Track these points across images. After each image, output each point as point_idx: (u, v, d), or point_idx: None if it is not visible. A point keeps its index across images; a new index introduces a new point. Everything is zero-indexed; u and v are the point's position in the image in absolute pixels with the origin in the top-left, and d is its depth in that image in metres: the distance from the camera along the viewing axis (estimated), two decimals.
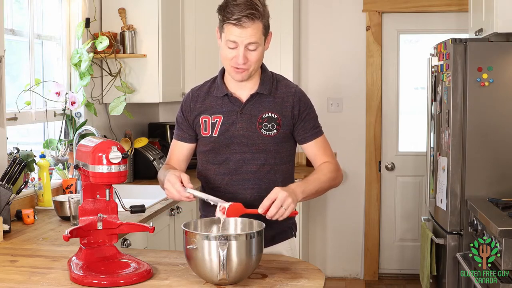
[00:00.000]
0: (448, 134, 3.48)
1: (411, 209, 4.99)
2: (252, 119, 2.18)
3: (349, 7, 4.92)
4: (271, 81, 2.23)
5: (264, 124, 2.18)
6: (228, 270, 1.78)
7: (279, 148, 2.21)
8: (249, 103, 2.20)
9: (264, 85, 2.21)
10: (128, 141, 4.03)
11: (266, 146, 2.19)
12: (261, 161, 2.20)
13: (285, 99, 2.21)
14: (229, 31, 2.09)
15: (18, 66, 3.38)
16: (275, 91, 2.21)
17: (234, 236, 1.81)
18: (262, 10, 2.09)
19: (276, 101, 2.20)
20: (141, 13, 3.91)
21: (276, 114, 2.19)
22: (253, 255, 1.83)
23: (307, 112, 2.23)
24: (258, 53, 2.12)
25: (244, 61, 2.10)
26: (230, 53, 2.12)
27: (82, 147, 2.07)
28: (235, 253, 1.78)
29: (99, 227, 2.04)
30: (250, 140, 2.19)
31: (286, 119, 2.20)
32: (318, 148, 2.25)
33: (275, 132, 2.19)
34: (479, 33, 3.79)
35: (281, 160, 2.23)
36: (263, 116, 2.19)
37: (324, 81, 4.99)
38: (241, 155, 2.20)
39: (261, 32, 2.11)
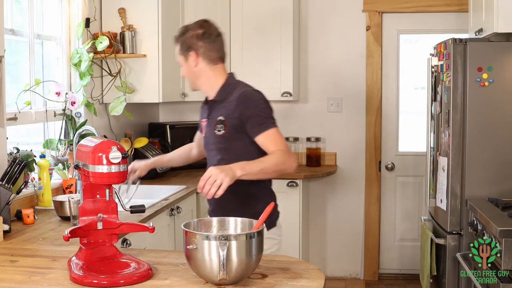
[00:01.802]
0: (448, 134, 3.48)
1: (411, 209, 4.99)
2: (212, 122, 2.59)
3: (349, 7, 4.92)
4: (228, 90, 2.58)
5: (216, 125, 2.55)
6: (228, 270, 1.78)
7: (229, 146, 2.54)
8: (211, 110, 2.62)
9: (219, 94, 2.59)
10: (128, 141, 4.03)
11: (218, 144, 2.56)
12: (219, 156, 2.57)
13: (231, 103, 2.53)
14: None
15: (18, 66, 3.38)
16: (228, 97, 2.56)
17: (234, 236, 1.81)
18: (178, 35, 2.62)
19: (225, 106, 2.55)
20: (141, 13, 3.91)
21: (223, 116, 2.54)
22: (253, 255, 1.83)
23: (251, 111, 2.49)
24: (183, 69, 2.64)
25: (182, 73, 2.67)
26: None
27: (82, 147, 2.07)
28: (235, 253, 1.79)
29: (99, 227, 2.04)
30: (211, 140, 2.60)
31: (231, 120, 2.51)
32: (266, 141, 2.49)
33: (223, 132, 2.54)
34: (479, 33, 3.79)
35: (235, 155, 2.49)
36: (217, 119, 2.56)
37: (324, 81, 4.99)
38: (209, 152, 2.65)
39: (178, 52, 2.62)
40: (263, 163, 2.39)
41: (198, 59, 2.58)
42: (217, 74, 2.61)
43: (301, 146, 4.98)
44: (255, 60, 4.68)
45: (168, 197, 3.41)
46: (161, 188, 3.66)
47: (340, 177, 5.01)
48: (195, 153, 2.97)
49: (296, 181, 4.46)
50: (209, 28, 2.60)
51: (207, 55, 2.58)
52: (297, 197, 4.47)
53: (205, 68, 2.59)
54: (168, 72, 4.04)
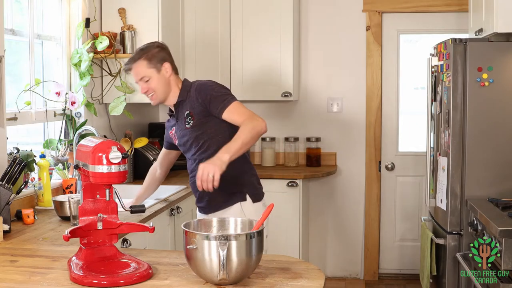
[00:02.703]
0: (448, 134, 3.48)
1: (411, 209, 4.99)
2: (182, 121, 2.83)
3: (349, 7, 4.92)
4: (187, 89, 2.82)
5: (185, 121, 2.81)
6: (228, 270, 1.79)
7: (202, 131, 2.77)
8: (177, 112, 2.86)
9: (181, 95, 2.83)
10: (128, 141, 4.03)
11: (192, 134, 2.79)
12: (197, 145, 2.79)
13: (192, 96, 2.79)
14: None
15: (18, 66, 3.38)
16: (188, 94, 2.81)
17: (234, 236, 1.81)
18: (139, 54, 2.78)
19: (189, 101, 2.80)
20: (141, 13, 3.91)
21: (189, 109, 2.79)
22: (253, 255, 1.84)
23: (209, 95, 2.74)
24: (153, 81, 2.78)
25: (144, 90, 2.80)
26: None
27: (82, 147, 2.07)
28: (235, 253, 1.79)
29: (99, 227, 2.04)
30: (185, 136, 2.83)
31: (196, 109, 2.76)
32: (232, 115, 2.71)
33: (192, 122, 2.78)
34: (479, 33, 3.79)
35: (209, 136, 2.77)
36: (184, 115, 2.81)
37: (324, 81, 4.99)
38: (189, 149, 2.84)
39: (147, 66, 2.77)
40: (240, 138, 2.58)
41: (171, 69, 2.82)
42: (179, 82, 2.87)
43: (301, 146, 4.98)
44: (255, 60, 4.67)
45: (168, 197, 3.41)
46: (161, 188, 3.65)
47: (340, 177, 5.01)
48: (160, 173, 3.13)
49: (296, 181, 4.46)
50: (165, 45, 2.89)
51: (173, 65, 2.86)
52: (297, 197, 4.47)
53: (173, 77, 2.84)
54: None
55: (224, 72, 4.70)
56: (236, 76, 4.71)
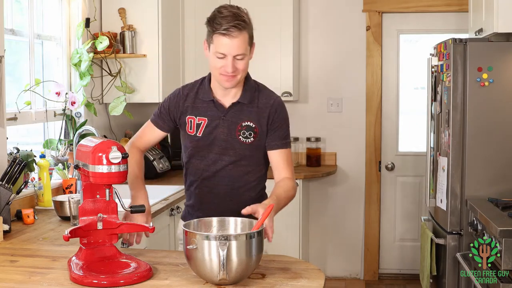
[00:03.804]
0: (448, 134, 3.48)
1: (411, 209, 4.99)
2: (232, 125, 2.33)
3: (349, 7, 4.92)
4: (253, 91, 2.38)
5: (243, 131, 2.33)
6: (228, 270, 1.79)
7: (253, 154, 2.36)
8: (231, 110, 2.34)
9: (246, 95, 2.36)
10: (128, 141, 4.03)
11: (242, 151, 2.34)
12: (236, 162, 2.35)
13: (263, 110, 2.35)
14: (219, 41, 2.24)
15: (18, 66, 3.38)
16: (256, 101, 2.36)
17: (234, 236, 1.81)
18: (248, 21, 2.29)
19: (255, 111, 2.35)
20: (141, 13, 3.91)
21: (254, 123, 2.34)
22: (253, 255, 1.84)
23: (280, 123, 2.36)
24: (245, 62, 2.29)
25: (232, 69, 2.25)
26: (219, 63, 2.26)
27: (82, 147, 2.07)
28: (235, 253, 1.79)
29: (99, 227, 2.04)
30: (229, 145, 2.34)
31: (262, 128, 2.34)
32: (282, 159, 2.37)
33: (252, 140, 2.34)
34: (479, 33, 3.79)
35: (255, 163, 2.38)
36: (242, 124, 2.33)
37: (324, 81, 4.99)
38: (219, 156, 2.35)
39: (247, 42, 2.29)
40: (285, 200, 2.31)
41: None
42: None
43: (301, 146, 4.97)
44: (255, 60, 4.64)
45: (168, 197, 3.41)
46: (161, 188, 3.66)
47: (340, 177, 5.01)
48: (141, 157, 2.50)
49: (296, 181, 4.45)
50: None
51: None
52: (297, 197, 4.47)
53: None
54: (168, 72, 4.04)
55: None
56: None
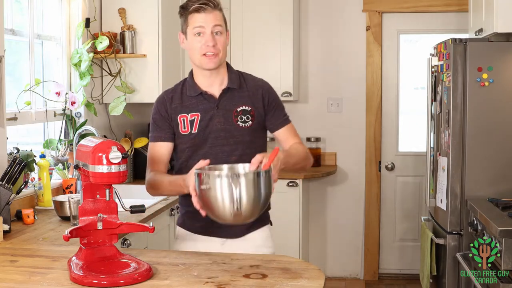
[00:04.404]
0: (448, 134, 3.48)
1: (411, 209, 4.99)
2: (228, 113, 2.30)
3: (349, 7, 4.92)
4: (238, 77, 2.36)
5: (240, 116, 2.31)
6: (241, 205, 1.87)
7: (253, 138, 2.34)
8: (222, 99, 2.31)
9: (233, 80, 2.33)
10: (128, 141, 4.03)
11: (243, 137, 2.31)
12: (239, 151, 2.30)
13: (255, 92, 2.34)
14: (194, 19, 2.24)
15: (18, 66, 3.38)
16: (245, 85, 2.35)
17: (244, 174, 1.91)
18: (219, 4, 2.26)
19: (248, 94, 2.34)
20: (141, 13, 3.91)
21: (249, 106, 2.32)
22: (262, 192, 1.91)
23: (276, 102, 2.38)
24: (223, 39, 2.26)
25: (213, 42, 2.22)
26: (198, 42, 2.25)
27: (82, 147, 2.07)
28: (244, 190, 1.87)
29: (99, 227, 2.04)
30: (228, 133, 2.30)
31: (258, 110, 2.33)
32: (288, 133, 2.41)
33: (251, 123, 2.32)
34: (479, 33, 3.79)
35: (256, 150, 2.27)
36: (237, 109, 2.31)
37: (324, 81, 4.99)
38: (220, 148, 2.30)
39: (222, 20, 2.27)
40: (296, 158, 2.31)
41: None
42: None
43: None
44: (255, 60, 4.67)
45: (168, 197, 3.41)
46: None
47: (340, 177, 5.01)
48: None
49: (296, 181, 4.46)
50: None
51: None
52: (297, 197, 4.47)
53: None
54: (168, 72, 4.04)
55: None
56: None
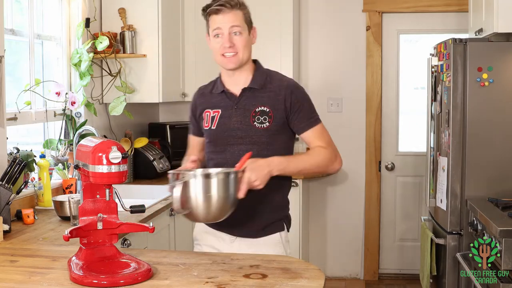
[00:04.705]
0: (448, 134, 3.48)
1: (411, 209, 4.99)
2: (246, 113, 2.29)
3: (349, 7, 4.92)
4: (264, 77, 2.34)
5: (257, 117, 2.28)
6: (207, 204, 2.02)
7: (271, 140, 2.29)
8: (242, 98, 2.31)
9: (256, 80, 2.32)
10: (128, 141, 4.03)
11: (259, 138, 2.28)
12: (255, 152, 2.23)
13: (277, 93, 2.29)
14: (213, 21, 2.28)
15: (18, 66, 3.38)
16: (268, 85, 2.31)
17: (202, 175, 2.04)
18: (241, 3, 2.29)
19: (269, 95, 2.29)
20: (141, 13, 3.91)
21: (268, 107, 2.28)
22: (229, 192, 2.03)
23: (300, 103, 2.30)
24: (243, 38, 2.28)
25: (229, 44, 2.25)
26: (218, 43, 2.28)
27: (82, 147, 2.07)
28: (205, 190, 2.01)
29: (99, 227, 2.04)
30: (244, 133, 2.29)
31: (278, 112, 2.28)
32: (313, 136, 2.33)
33: (268, 124, 2.27)
34: (479, 33, 3.79)
35: (274, 152, 2.26)
36: (256, 110, 2.29)
37: (324, 81, 4.99)
38: (237, 146, 2.30)
39: (242, 19, 2.28)
40: (304, 163, 2.26)
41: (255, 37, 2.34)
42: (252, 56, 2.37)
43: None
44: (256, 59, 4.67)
45: (168, 197, 3.41)
46: (161, 188, 3.66)
47: (340, 177, 5.01)
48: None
49: (296, 181, 4.45)
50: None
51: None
52: (297, 197, 4.47)
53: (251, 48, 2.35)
54: (168, 72, 4.04)
55: None
56: None
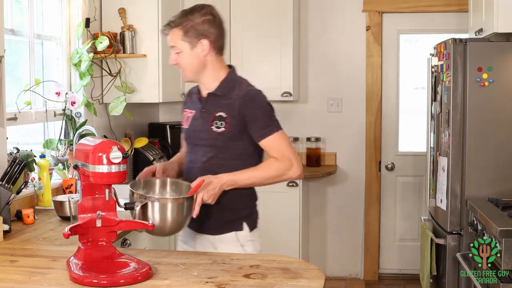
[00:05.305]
0: (448, 134, 3.48)
1: (411, 209, 4.99)
2: (208, 117, 2.41)
3: (349, 7, 4.92)
4: (232, 85, 2.42)
5: (215, 121, 2.38)
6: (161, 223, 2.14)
7: (227, 145, 2.38)
8: (208, 102, 2.44)
9: (221, 87, 2.42)
10: (128, 141, 4.03)
11: (214, 141, 2.39)
12: (211, 154, 2.39)
13: (234, 101, 2.38)
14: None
15: (18, 66, 3.38)
16: (231, 93, 2.40)
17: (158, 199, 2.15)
18: (178, 21, 2.38)
19: (228, 102, 2.39)
20: (141, 13, 3.91)
21: (225, 113, 2.38)
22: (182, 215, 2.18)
23: (254, 114, 2.37)
24: (183, 56, 2.39)
25: (173, 62, 2.42)
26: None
27: (81, 146, 2.07)
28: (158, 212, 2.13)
29: (98, 225, 2.03)
30: (205, 135, 2.41)
31: (234, 119, 2.37)
32: (268, 146, 2.39)
33: (223, 129, 2.37)
34: (479, 33, 3.79)
35: (230, 156, 2.38)
36: (216, 114, 2.39)
37: (324, 81, 4.99)
38: (200, 148, 2.43)
39: (179, 38, 2.37)
40: (252, 178, 2.35)
41: (210, 48, 2.38)
42: (221, 66, 2.44)
43: (301, 146, 4.97)
44: (255, 60, 4.67)
45: None
46: None
47: (340, 177, 5.01)
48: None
49: (296, 181, 4.45)
50: (218, 14, 2.42)
51: (217, 44, 2.40)
52: (297, 197, 4.47)
53: (213, 58, 2.40)
54: (168, 72, 4.04)
55: None
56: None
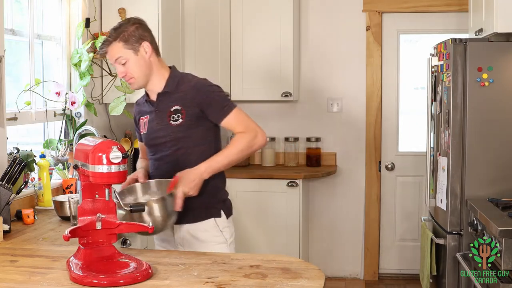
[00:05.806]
0: (448, 134, 3.48)
1: (411, 209, 4.99)
2: (163, 114, 2.55)
3: (349, 7, 4.92)
4: (177, 80, 2.57)
5: (172, 116, 2.53)
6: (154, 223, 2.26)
7: (188, 134, 2.52)
8: (159, 102, 2.57)
9: (169, 85, 2.56)
10: (128, 141, 4.03)
11: (175, 134, 2.52)
12: (175, 147, 2.53)
13: (187, 93, 2.53)
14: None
15: (18, 66, 3.38)
16: (179, 87, 2.55)
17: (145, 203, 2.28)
18: (115, 35, 2.47)
19: (180, 96, 2.53)
20: (141, 13, 3.88)
21: (180, 106, 2.52)
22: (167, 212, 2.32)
23: (209, 98, 2.51)
24: (130, 63, 2.49)
25: (122, 74, 2.53)
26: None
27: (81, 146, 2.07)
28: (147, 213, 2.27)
29: (98, 227, 2.04)
30: (164, 132, 2.54)
31: (190, 108, 2.51)
32: (230, 123, 2.52)
33: (181, 121, 2.51)
34: (479, 33, 3.79)
35: (194, 143, 2.53)
36: (171, 109, 2.53)
37: (324, 81, 4.99)
38: (163, 145, 2.56)
39: (122, 47, 2.47)
40: (227, 156, 2.48)
41: (151, 49, 2.52)
42: (163, 66, 2.59)
43: (301, 146, 4.98)
44: (255, 60, 4.68)
45: None
46: None
47: (340, 177, 5.01)
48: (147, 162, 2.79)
49: (296, 181, 4.46)
50: (144, 21, 2.56)
51: (154, 45, 2.55)
52: (297, 197, 4.47)
53: (155, 59, 2.55)
54: None
55: (224, 74, 4.70)
56: (236, 76, 4.71)
